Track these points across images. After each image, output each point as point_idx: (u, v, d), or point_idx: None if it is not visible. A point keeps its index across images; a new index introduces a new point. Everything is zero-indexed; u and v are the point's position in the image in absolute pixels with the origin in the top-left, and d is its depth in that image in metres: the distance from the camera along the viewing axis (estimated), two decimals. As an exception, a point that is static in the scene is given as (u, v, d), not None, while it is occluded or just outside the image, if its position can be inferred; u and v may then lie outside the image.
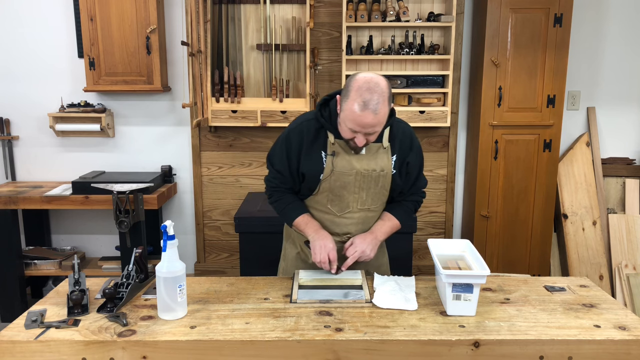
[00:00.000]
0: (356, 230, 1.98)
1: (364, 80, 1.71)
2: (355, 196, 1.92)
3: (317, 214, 1.98)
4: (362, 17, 3.30)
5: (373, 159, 1.89)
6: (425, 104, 3.42)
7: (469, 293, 1.64)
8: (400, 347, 1.52)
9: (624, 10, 3.57)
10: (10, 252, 3.38)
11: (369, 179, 1.90)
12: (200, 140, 3.70)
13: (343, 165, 1.87)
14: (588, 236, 3.59)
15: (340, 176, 1.88)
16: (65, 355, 1.50)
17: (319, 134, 1.89)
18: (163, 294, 1.62)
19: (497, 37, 3.27)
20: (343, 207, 1.95)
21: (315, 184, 1.91)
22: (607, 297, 1.81)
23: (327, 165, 1.88)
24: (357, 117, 1.70)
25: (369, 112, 1.69)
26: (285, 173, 1.94)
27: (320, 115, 1.88)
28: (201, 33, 3.33)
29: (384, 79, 1.74)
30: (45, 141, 3.70)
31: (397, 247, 3.07)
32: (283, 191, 2.00)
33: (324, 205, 1.96)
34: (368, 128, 1.73)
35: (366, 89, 1.69)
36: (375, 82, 1.71)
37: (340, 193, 1.92)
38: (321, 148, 1.89)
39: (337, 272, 1.92)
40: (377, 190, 1.93)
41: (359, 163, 1.88)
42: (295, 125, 1.93)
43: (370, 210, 1.97)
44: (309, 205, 1.99)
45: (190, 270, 3.85)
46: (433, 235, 3.83)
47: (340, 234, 1.98)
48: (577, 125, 3.73)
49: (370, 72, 1.78)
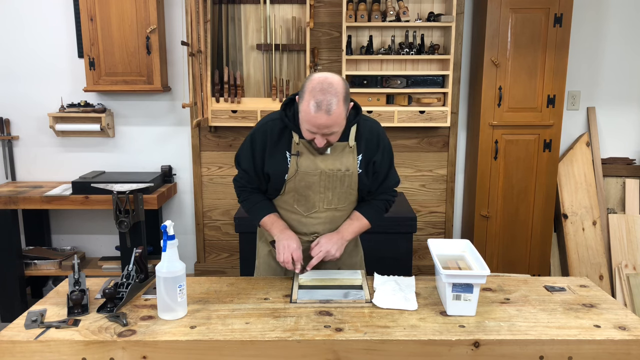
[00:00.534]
0: (323, 229, 1.97)
1: (317, 81, 1.70)
2: (321, 196, 1.92)
3: (284, 213, 1.98)
4: (362, 17, 3.30)
5: (338, 159, 1.88)
6: (425, 104, 3.42)
7: (469, 293, 1.64)
8: (400, 347, 1.52)
9: (624, 10, 3.57)
10: (10, 252, 3.38)
11: (334, 179, 1.89)
12: (200, 140, 3.70)
13: (307, 165, 1.87)
14: (588, 236, 3.59)
15: (304, 176, 1.88)
16: (65, 355, 1.50)
17: (284, 133, 1.88)
18: (163, 294, 1.62)
19: (497, 37, 3.27)
20: (309, 207, 1.94)
21: (280, 184, 1.91)
22: (607, 297, 1.81)
23: (292, 165, 1.87)
24: (311, 118, 1.70)
25: (322, 113, 1.68)
26: (251, 173, 1.94)
27: (285, 115, 1.87)
28: (201, 33, 3.33)
29: (340, 78, 1.73)
30: (45, 141, 3.70)
31: (397, 247, 3.08)
32: (250, 191, 2.00)
33: (291, 205, 1.95)
34: (324, 129, 1.72)
35: (319, 89, 1.68)
36: (329, 83, 1.69)
37: (305, 193, 1.91)
38: (285, 148, 1.88)
39: (302, 272, 1.91)
40: (343, 190, 1.92)
41: (324, 163, 1.87)
42: (260, 125, 1.92)
43: (338, 210, 1.96)
44: (277, 204, 1.99)
45: (190, 270, 3.85)
46: (433, 235, 3.83)
47: (307, 234, 1.98)
48: (577, 125, 3.73)
49: (326, 72, 1.77)
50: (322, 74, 1.74)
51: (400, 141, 3.67)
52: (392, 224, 2.98)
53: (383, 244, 2.99)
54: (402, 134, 3.66)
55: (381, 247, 2.95)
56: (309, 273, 1.94)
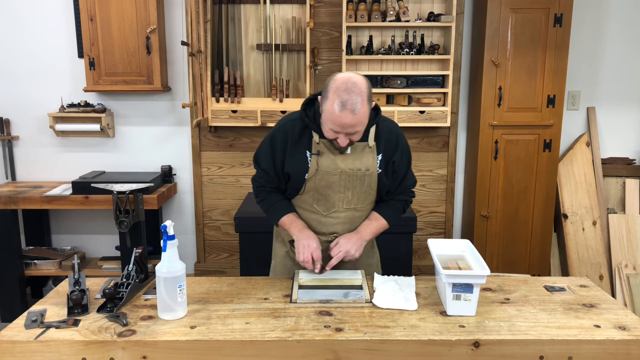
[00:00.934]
0: (342, 229, 1.98)
1: (342, 81, 1.71)
2: (340, 195, 1.92)
3: (303, 213, 1.98)
4: (362, 17, 3.30)
5: (358, 159, 1.88)
6: (425, 104, 3.42)
7: (469, 293, 1.64)
8: (400, 347, 1.52)
9: (624, 10, 3.57)
10: (10, 252, 3.38)
11: (354, 179, 1.89)
12: (200, 140, 3.70)
13: (328, 164, 1.87)
14: (588, 236, 3.59)
15: (325, 176, 1.88)
16: (65, 355, 1.50)
17: (304, 133, 1.89)
18: (163, 294, 1.62)
19: (497, 37, 3.27)
20: (329, 207, 1.94)
21: (300, 183, 1.91)
22: (607, 297, 1.81)
23: (312, 164, 1.87)
24: (336, 117, 1.70)
25: (347, 112, 1.68)
26: (270, 172, 1.95)
27: (305, 115, 1.88)
28: (201, 33, 3.33)
29: (363, 78, 1.74)
30: (45, 141, 3.70)
31: (397, 247, 3.08)
32: (269, 190, 2.00)
33: (310, 205, 1.95)
34: (348, 128, 1.72)
35: (344, 89, 1.69)
36: (353, 82, 1.70)
37: (325, 192, 1.91)
38: (306, 148, 1.88)
39: (321, 272, 1.91)
40: (362, 190, 1.93)
41: (344, 162, 1.87)
42: (280, 125, 1.93)
43: (357, 210, 1.97)
44: (296, 204, 1.99)
45: (190, 270, 3.85)
46: (433, 235, 3.83)
47: (326, 234, 1.98)
48: (577, 125, 3.73)
49: (349, 72, 1.77)
50: (346, 73, 1.75)
51: (400, 141, 3.67)
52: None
53: (383, 244, 2.98)
54: (402, 134, 3.66)
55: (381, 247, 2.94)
56: (310, 273, 1.95)
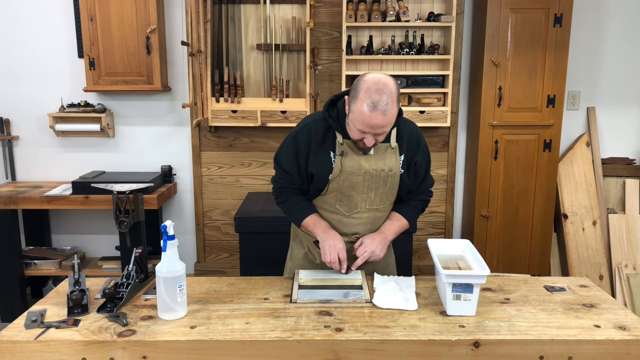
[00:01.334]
0: (364, 230, 1.98)
1: (373, 81, 1.71)
2: (363, 196, 1.93)
3: (325, 214, 1.98)
4: (362, 17, 3.30)
5: (381, 159, 1.89)
6: (425, 104, 3.42)
7: (469, 293, 1.64)
8: (400, 347, 1.52)
9: (624, 10, 3.57)
10: (10, 252, 3.38)
11: (377, 179, 1.90)
12: (200, 140, 3.70)
13: (352, 165, 1.88)
14: (588, 236, 3.59)
15: (349, 176, 1.89)
16: (65, 355, 1.50)
17: (327, 134, 1.89)
18: (163, 294, 1.62)
19: (497, 37, 3.27)
20: (351, 207, 1.95)
21: (323, 184, 1.92)
22: (607, 297, 1.81)
23: (336, 165, 1.88)
24: (366, 118, 1.70)
25: (378, 113, 1.69)
26: (293, 173, 1.94)
27: (328, 116, 1.89)
28: (201, 33, 3.33)
29: (392, 79, 1.74)
30: (45, 141, 3.70)
31: (397, 247, 3.07)
32: (291, 192, 1.99)
33: (333, 206, 1.96)
34: (377, 129, 1.73)
35: (375, 90, 1.69)
36: (384, 83, 1.71)
37: (348, 193, 1.92)
38: (330, 148, 1.89)
39: (347, 272, 1.92)
40: (385, 190, 1.93)
41: (368, 163, 1.88)
42: (303, 125, 1.93)
43: (379, 211, 1.98)
44: (317, 205, 1.99)
45: (190, 270, 3.85)
46: (433, 235, 3.83)
47: (348, 234, 1.98)
48: (577, 125, 3.73)
49: (379, 73, 1.78)
50: (375, 74, 1.75)
51: (400, 141, 3.67)
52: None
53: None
54: (402, 134, 3.66)
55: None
56: (310, 273, 1.95)
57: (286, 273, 2.19)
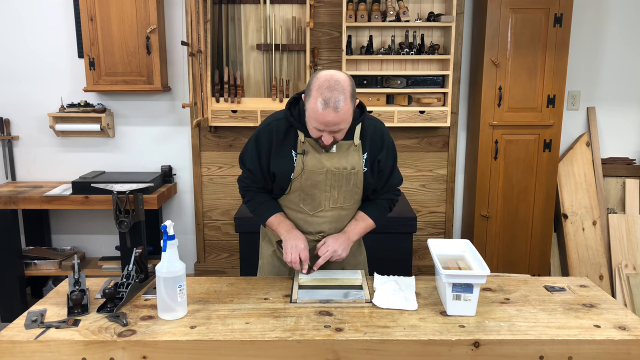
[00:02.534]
0: (329, 228, 1.98)
1: (324, 79, 1.71)
2: (326, 194, 1.92)
3: (290, 213, 1.98)
4: (362, 17, 3.30)
5: (344, 157, 1.88)
6: (425, 104, 3.42)
7: (469, 293, 1.64)
8: (400, 347, 1.52)
9: (624, 10, 3.57)
10: (10, 252, 3.38)
11: (340, 177, 1.90)
12: (200, 140, 3.70)
13: (313, 163, 1.87)
14: (588, 236, 3.59)
15: (310, 175, 1.88)
16: (65, 355, 1.50)
17: (289, 132, 1.89)
18: (163, 294, 1.62)
19: (497, 37, 3.27)
20: (315, 206, 1.94)
21: (286, 183, 1.91)
22: (607, 297, 1.81)
23: (298, 164, 1.87)
24: (319, 115, 1.70)
25: (330, 110, 1.68)
26: (256, 172, 1.94)
27: (290, 114, 1.88)
28: (201, 33, 3.33)
29: (345, 75, 1.74)
30: (45, 141, 3.70)
31: (397, 247, 3.08)
32: (255, 190, 2.00)
33: (297, 204, 1.96)
34: (332, 126, 1.72)
35: (327, 87, 1.69)
36: (336, 80, 1.70)
37: (311, 192, 1.91)
38: (291, 147, 1.88)
39: (308, 272, 1.91)
40: (349, 189, 1.93)
41: (330, 161, 1.88)
42: (265, 124, 1.93)
43: (343, 209, 1.97)
44: (282, 204, 1.99)
45: (190, 270, 3.85)
46: (433, 235, 3.83)
47: (313, 233, 1.98)
48: (577, 125, 3.73)
49: (332, 70, 1.77)
50: (328, 71, 1.75)
51: (400, 141, 3.67)
52: (392, 224, 2.98)
53: (383, 244, 2.99)
54: (402, 134, 3.66)
55: (381, 247, 2.95)
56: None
57: (258, 272, 2.18)
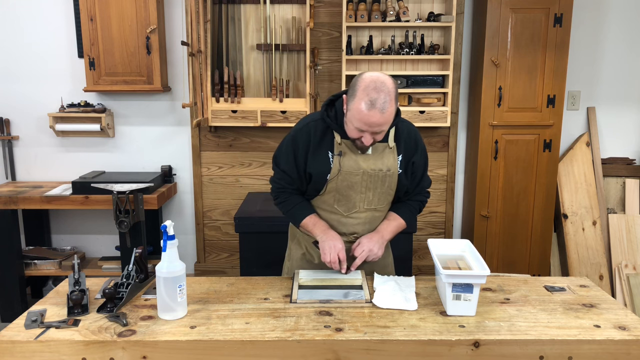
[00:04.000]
0: (363, 230, 1.99)
1: (370, 80, 1.71)
2: (362, 196, 1.93)
3: (323, 214, 1.99)
4: (362, 17, 3.30)
5: (379, 159, 1.89)
6: (425, 104, 3.42)
7: (469, 293, 1.64)
8: (400, 347, 1.52)
9: (624, 10, 3.57)
10: (10, 252, 3.38)
11: (375, 179, 1.90)
12: (200, 140, 3.70)
13: (350, 165, 1.88)
14: (588, 236, 3.59)
15: (347, 176, 1.89)
16: (65, 355, 1.50)
17: (326, 134, 1.90)
18: (163, 294, 1.62)
19: (497, 37, 3.27)
20: (350, 207, 1.95)
21: (322, 184, 1.92)
22: (607, 297, 1.81)
23: (334, 165, 1.88)
24: (364, 116, 1.71)
25: (376, 111, 1.69)
26: (291, 174, 1.95)
27: (327, 115, 1.89)
28: (201, 33, 3.33)
29: (390, 78, 1.75)
30: (45, 141, 3.70)
31: (397, 247, 3.07)
32: (290, 192, 2.00)
33: (331, 205, 1.96)
34: (375, 127, 1.73)
35: (373, 88, 1.69)
36: (382, 81, 1.71)
37: (347, 193, 1.92)
38: (328, 148, 1.89)
39: (346, 272, 1.92)
40: (383, 190, 1.94)
41: (366, 163, 1.88)
42: (301, 125, 1.93)
43: (377, 210, 1.98)
44: (316, 205, 2.00)
45: (190, 270, 3.85)
46: (433, 235, 3.83)
47: (347, 234, 1.99)
48: (577, 125, 3.73)
49: (377, 72, 1.78)
50: (373, 73, 1.76)
51: (400, 141, 3.67)
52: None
53: (383, 244, 2.98)
54: (402, 134, 3.66)
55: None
56: (310, 273, 1.95)
57: (284, 273, 2.19)
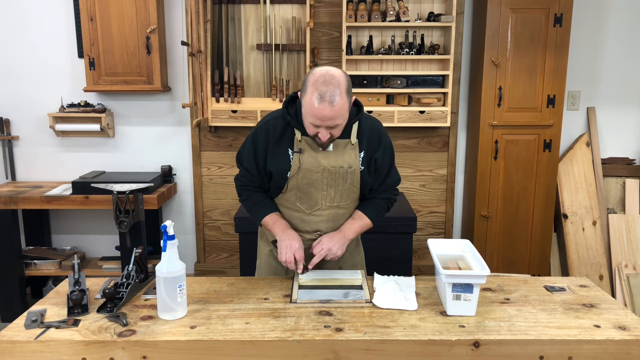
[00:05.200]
0: (326, 227, 1.98)
1: (320, 74, 1.72)
2: (323, 193, 1.92)
3: (286, 211, 1.98)
4: (362, 17, 3.30)
5: (340, 156, 1.88)
6: (425, 104, 3.42)
7: (469, 293, 1.64)
8: (400, 347, 1.52)
9: (624, 11, 3.57)
10: (10, 252, 3.38)
11: (336, 176, 1.90)
12: (200, 140, 3.70)
13: (310, 162, 1.87)
14: (588, 236, 3.59)
15: (307, 173, 1.88)
16: (65, 355, 1.50)
17: (286, 131, 1.89)
18: (163, 294, 1.62)
19: (497, 37, 3.27)
20: (312, 205, 1.94)
21: (283, 181, 1.91)
22: (607, 297, 1.81)
23: (294, 162, 1.88)
24: (314, 110, 1.71)
25: (325, 104, 1.69)
26: (253, 171, 1.95)
27: (287, 113, 1.88)
28: (201, 33, 3.33)
29: (341, 71, 1.75)
30: (45, 141, 3.70)
31: (397, 247, 3.08)
32: (252, 189, 2.00)
33: (293, 203, 1.96)
34: (327, 121, 1.72)
35: (322, 81, 1.69)
36: (331, 75, 1.71)
37: (308, 190, 1.91)
38: (288, 145, 1.89)
39: (303, 272, 1.91)
40: (345, 187, 1.93)
41: (326, 160, 1.88)
42: (262, 123, 1.93)
43: (340, 208, 1.97)
44: (279, 203, 2.00)
45: (190, 270, 3.85)
46: (433, 235, 3.83)
47: (310, 232, 1.98)
48: (577, 125, 3.73)
49: (327, 66, 1.78)
50: (324, 67, 1.76)
51: (400, 141, 3.67)
52: (392, 224, 2.98)
53: (383, 244, 2.99)
54: (402, 134, 3.66)
55: (381, 247, 2.95)
56: (310, 273, 1.94)
57: (256, 271, 2.18)
